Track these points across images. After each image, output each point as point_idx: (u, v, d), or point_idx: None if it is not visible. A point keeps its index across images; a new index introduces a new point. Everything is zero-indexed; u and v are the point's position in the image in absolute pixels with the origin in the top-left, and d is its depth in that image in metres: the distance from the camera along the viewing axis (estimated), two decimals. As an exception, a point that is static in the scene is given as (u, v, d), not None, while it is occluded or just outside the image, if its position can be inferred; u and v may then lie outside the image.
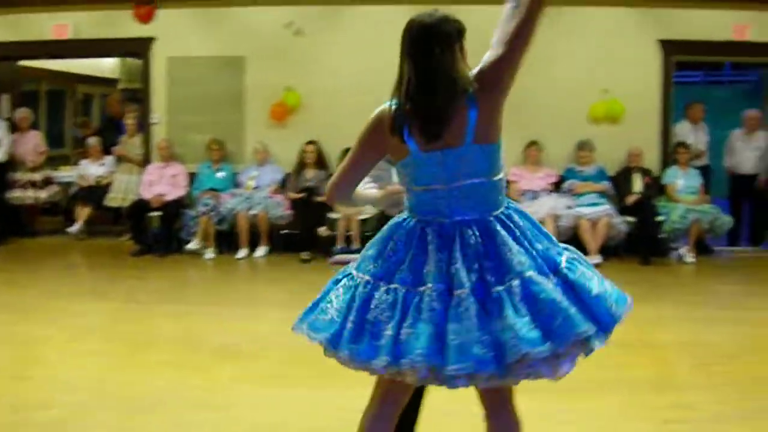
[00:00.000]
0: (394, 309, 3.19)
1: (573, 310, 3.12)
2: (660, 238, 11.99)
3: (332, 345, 3.26)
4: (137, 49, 13.49)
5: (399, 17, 12.52)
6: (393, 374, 3.18)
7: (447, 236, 3.29)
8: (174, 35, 13.09)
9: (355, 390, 5.70)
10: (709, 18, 12.58)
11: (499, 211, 3.36)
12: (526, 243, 3.29)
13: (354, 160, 3.50)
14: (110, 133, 14.45)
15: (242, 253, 12.07)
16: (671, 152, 12.67)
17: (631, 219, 11.95)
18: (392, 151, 3.41)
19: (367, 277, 3.33)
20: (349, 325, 3.23)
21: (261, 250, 12.14)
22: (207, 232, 12.15)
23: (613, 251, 12.00)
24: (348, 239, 11.89)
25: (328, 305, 3.35)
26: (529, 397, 5.61)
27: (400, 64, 3.36)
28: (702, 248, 12.42)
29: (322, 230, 12.04)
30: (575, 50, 12.47)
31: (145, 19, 13.13)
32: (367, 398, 5.66)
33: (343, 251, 11.63)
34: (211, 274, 11.39)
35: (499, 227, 3.29)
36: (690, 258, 11.87)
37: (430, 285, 3.19)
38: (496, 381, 3.14)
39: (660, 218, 11.90)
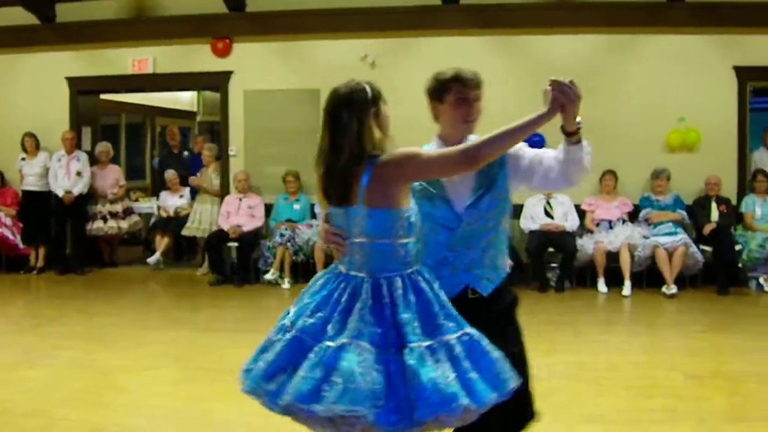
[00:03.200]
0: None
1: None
2: (738, 268, 11.82)
3: None
4: (215, 82, 13.76)
5: (471, 47, 12.73)
6: None
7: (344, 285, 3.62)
8: (250, 69, 13.33)
9: None
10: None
11: (385, 275, 3.56)
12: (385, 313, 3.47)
13: None
14: (171, 164, 14.65)
15: (318, 283, 12.13)
16: (749, 180, 12.52)
17: (708, 248, 11.83)
18: None
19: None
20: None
21: (336, 280, 12.20)
22: (284, 262, 12.28)
23: (689, 281, 11.87)
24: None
25: None
26: (593, 428, 5.62)
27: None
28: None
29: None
30: (650, 77, 12.42)
31: (223, 53, 13.39)
32: None
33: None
34: (287, 304, 11.28)
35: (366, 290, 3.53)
36: (771, 287, 11.74)
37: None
38: None
39: (738, 247, 11.76)
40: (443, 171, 3.61)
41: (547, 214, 12.10)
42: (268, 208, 13.05)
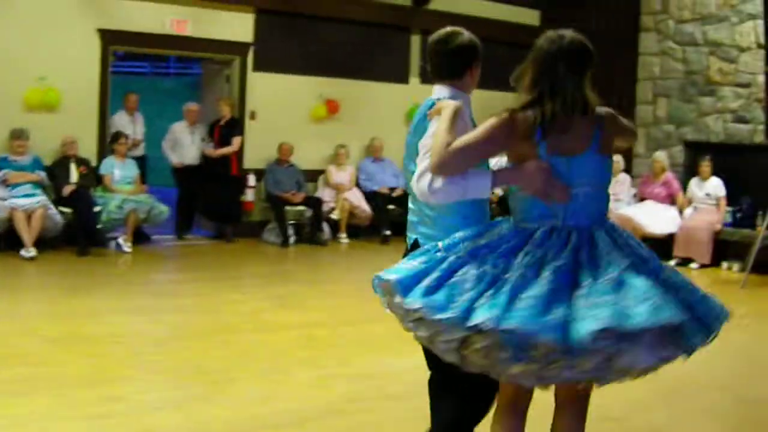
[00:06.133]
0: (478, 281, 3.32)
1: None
2: (97, 229, 11.95)
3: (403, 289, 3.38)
4: None
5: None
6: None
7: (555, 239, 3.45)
8: None
9: None
10: (149, 10, 12.84)
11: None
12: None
13: (476, 145, 3.45)
14: None
15: None
16: (108, 142, 12.70)
17: (68, 210, 11.81)
18: (513, 153, 3.57)
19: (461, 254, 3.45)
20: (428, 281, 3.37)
21: None
22: None
23: (49, 243, 11.76)
24: None
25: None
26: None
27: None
28: (140, 237, 12.65)
29: None
30: (11, 34, 12.01)
31: None
32: None
33: None
34: None
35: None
36: (127, 247, 12.04)
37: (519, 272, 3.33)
38: None
39: (97, 208, 11.89)
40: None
41: None
42: None
